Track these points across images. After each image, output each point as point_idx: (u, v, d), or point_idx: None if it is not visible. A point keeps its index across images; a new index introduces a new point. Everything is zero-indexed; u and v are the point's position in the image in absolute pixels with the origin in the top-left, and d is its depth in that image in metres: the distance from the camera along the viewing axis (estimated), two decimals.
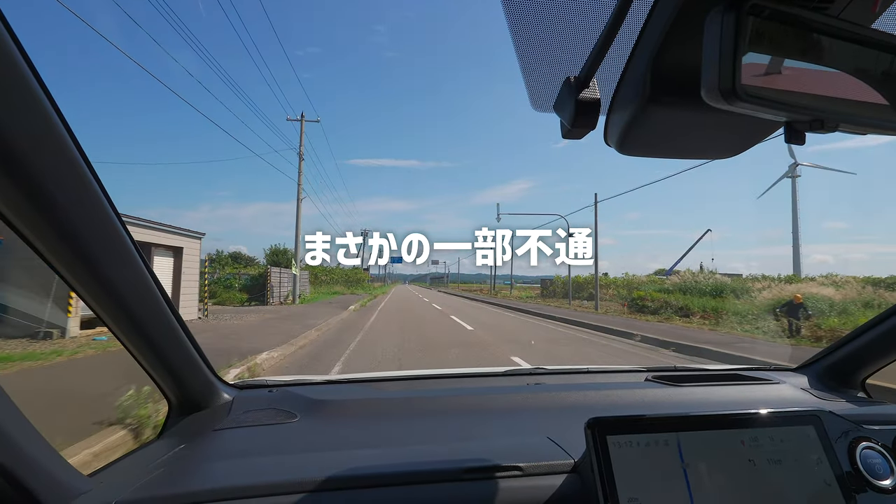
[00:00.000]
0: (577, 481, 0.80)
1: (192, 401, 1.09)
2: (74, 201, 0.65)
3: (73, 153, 0.63)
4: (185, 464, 0.87)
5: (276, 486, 0.75)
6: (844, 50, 0.38)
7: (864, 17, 0.40)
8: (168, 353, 0.94)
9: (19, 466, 0.62)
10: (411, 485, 0.78)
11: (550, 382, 1.40)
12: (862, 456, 0.78)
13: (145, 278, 0.82)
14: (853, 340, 1.29)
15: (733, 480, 0.70)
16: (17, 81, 0.54)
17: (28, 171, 0.57)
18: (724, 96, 0.36)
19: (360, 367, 6.42)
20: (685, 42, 0.41)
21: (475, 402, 1.22)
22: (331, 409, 1.14)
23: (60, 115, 0.60)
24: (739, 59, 0.35)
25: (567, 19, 0.49)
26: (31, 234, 0.64)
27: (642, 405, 1.22)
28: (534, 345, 9.19)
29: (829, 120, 0.38)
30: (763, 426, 0.75)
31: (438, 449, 0.93)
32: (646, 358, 7.81)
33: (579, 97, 0.48)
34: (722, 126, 0.49)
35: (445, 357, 7.46)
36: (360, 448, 0.95)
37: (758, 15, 0.35)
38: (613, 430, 0.72)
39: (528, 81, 0.57)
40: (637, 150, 0.51)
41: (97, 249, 0.71)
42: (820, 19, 0.37)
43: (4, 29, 0.51)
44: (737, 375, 1.43)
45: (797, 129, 0.39)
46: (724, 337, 10.43)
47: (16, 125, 0.55)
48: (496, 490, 0.78)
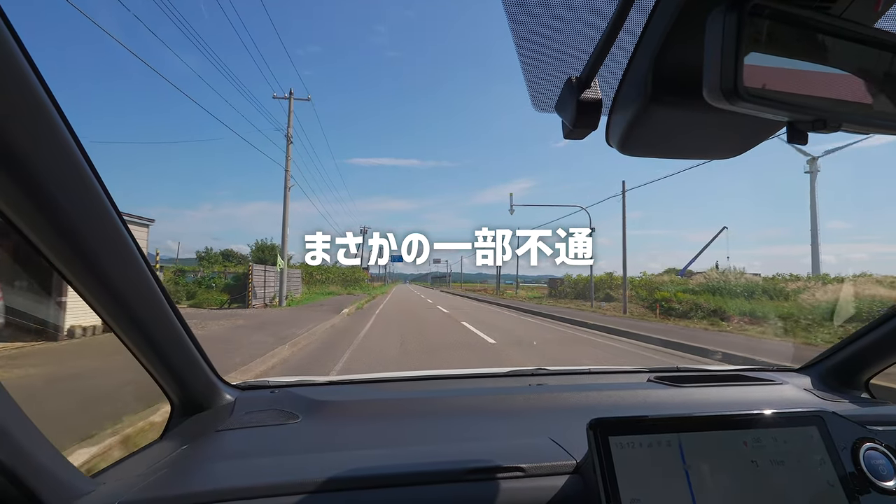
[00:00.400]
0: (579, 482, 0.80)
1: (194, 401, 1.09)
2: (75, 200, 0.65)
3: (73, 152, 0.63)
4: (187, 464, 0.87)
5: (279, 487, 0.75)
6: (847, 49, 0.38)
7: (867, 17, 0.40)
8: (170, 354, 0.95)
9: (22, 467, 0.62)
10: (414, 485, 0.78)
11: (552, 383, 1.40)
12: (865, 457, 0.78)
13: (147, 278, 0.82)
14: (856, 341, 1.29)
15: (735, 481, 0.70)
16: (16, 78, 0.54)
17: (28, 170, 0.57)
18: (726, 96, 0.36)
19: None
20: (687, 42, 0.41)
21: (477, 402, 1.22)
22: (333, 410, 1.14)
23: (61, 113, 0.60)
24: (741, 59, 0.35)
25: (568, 19, 0.49)
26: (32, 233, 0.64)
27: (644, 406, 1.22)
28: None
29: (832, 120, 0.38)
30: (766, 427, 0.75)
31: (440, 449, 0.93)
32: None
33: (581, 97, 0.48)
34: (724, 126, 0.49)
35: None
36: (363, 449, 0.95)
37: (760, 14, 0.35)
38: (616, 431, 0.71)
39: (529, 82, 0.57)
40: (639, 151, 0.51)
41: (98, 249, 0.71)
42: (822, 19, 0.37)
43: (3, 24, 0.51)
44: (739, 376, 1.43)
45: (799, 128, 0.39)
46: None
47: (15, 122, 0.55)
48: (498, 491, 0.77)
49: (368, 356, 7.14)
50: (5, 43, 0.51)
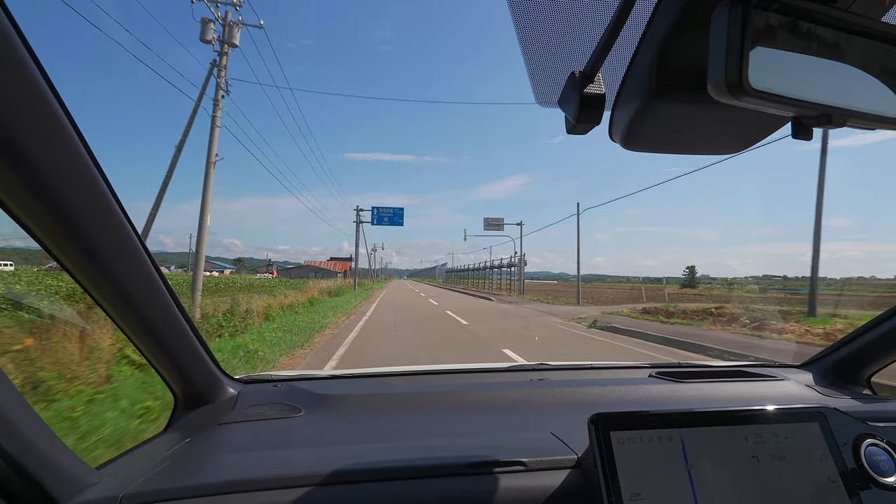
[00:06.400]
0: (580, 477, 0.80)
1: (197, 395, 1.10)
2: (79, 195, 0.65)
3: (78, 148, 0.63)
4: (191, 457, 0.87)
5: (281, 480, 0.76)
6: (853, 44, 0.38)
7: (874, 11, 0.40)
8: (173, 348, 0.95)
9: (27, 459, 0.63)
10: (415, 479, 0.79)
11: (553, 378, 1.40)
12: (866, 453, 0.78)
13: (150, 272, 0.82)
14: (859, 337, 1.29)
15: (737, 476, 0.70)
16: (21, 76, 0.54)
17: (34, 167, 0.58)
18: (730, 91, 0.35)
19: None
20: (691, 36, 0.41)
21: (479, 397, 1.22)
22: (335, 404, 1.15)
23: (65, 109, 0.60)
24: (747, 54, 0.34)
25: (572, 13, 0.49)
26: (37, 228, 0.64)
27: (646, 401, 1.22)
28: None
29: (837, 115, 0.38)
30: (767, 423, 0.75)
31: (442, 443, 0.94)
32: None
33: (584, 92, 0.48)
34: (728, 121, 0.49)
35: None
36: (364, 442, 0.95)
37: (765, 9, 0.35)
38: (617, 426, 0.72)
39: (532, 76, 0.57)
40: (642, 146, 0.51)
41: (102, 243, 0.72)
42: (828, 13, 0.37)
43: (8, 22, 0.51)
44: (741, 372, 1.43)
45: (805, 124, 0.39)
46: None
47: (22, 120, 0.55)
48: (499, 485, 0.78)
49: None
50: (9, 41, 0.52)
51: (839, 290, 28.90)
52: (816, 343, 8.16)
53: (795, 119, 0.39)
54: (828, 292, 20.66)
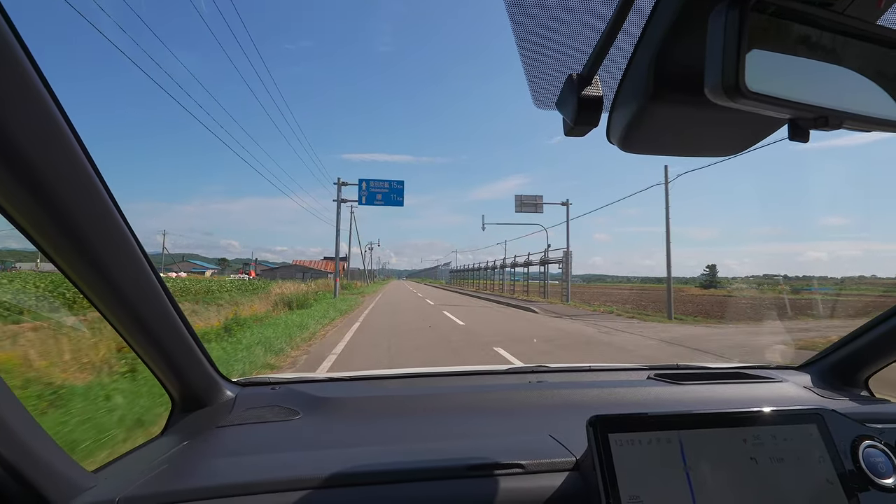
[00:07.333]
0: (578, 479, 0.80)
1: (195, 398, 1.09)
2: (78, 197, 0.65)
3: (75, 149, 0.63)
4: (188, 460, 0.87)
5: (279, 483, 0.75)
6: (849, 46, 0.38)
7: (869, 14, 0.40)
8: (171, 350, 0.95)
9: (24, 462, 0.62)
10: (413, 482, 0.78)
11: (552, 380, 1.40)
12: (865, 454, 0.78)
13: (147, 274, 0.82)
14: (857, 339, 1.29)
15: (735, 478, 0.70)
16: (17, 76, 0.54)
17: (30, 167, 0.57)
18: (727, 94, 0.35)
19: None
20: (688, 39, 0.41)
21: (477, 399, 1.22)
22: (333, 407, 1.14)
23: (61, 110, 0.60)
24: (743, 56, 0.35)
25: (570, 16, 0.49)
26: (33, 228, 0.64)
27: (644, 403, 1.22)
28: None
29: (834, 117, 0.38)
30: (765, 424, 0.75)
31: (440, 446, 0.94)
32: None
33: (582, 94, 0.48)
34: (725, 123, 0.49)
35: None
36: (363, 445, 0.95)
37: (762, 11, 0.35)
38: (615, 428, 0.72)
39: (530, 78, 0.57)
40: (640, 148, 0.51)
41: (99, 245, 0.71)
42: (824, 16, 0.37)
43: (4, 21, 0.51)
44: (739, 374, 1.43)
45: (801, 126, 0.39)
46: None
47: (17, 120, 0.55)
48: (498, 488, 0.78)
49: None
50: (5, 42, 0.51)
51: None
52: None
53: (792, 121, 0.39)
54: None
